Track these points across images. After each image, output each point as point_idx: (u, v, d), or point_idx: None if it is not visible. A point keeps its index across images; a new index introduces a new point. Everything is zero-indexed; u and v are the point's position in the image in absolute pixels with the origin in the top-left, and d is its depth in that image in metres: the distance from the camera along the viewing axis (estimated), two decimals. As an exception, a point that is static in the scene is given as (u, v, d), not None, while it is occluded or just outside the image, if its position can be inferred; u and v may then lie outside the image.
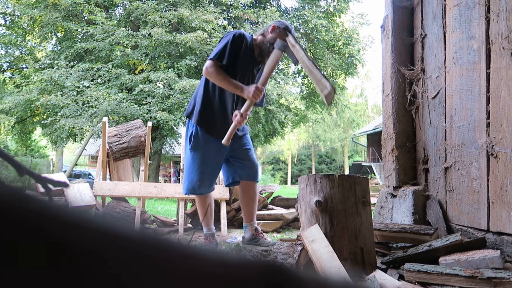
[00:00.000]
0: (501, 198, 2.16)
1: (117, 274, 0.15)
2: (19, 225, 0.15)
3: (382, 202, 3.11)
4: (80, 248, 0.15)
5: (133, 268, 0.16)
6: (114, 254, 0.16)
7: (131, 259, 0.16)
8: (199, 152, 2.80)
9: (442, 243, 1.98)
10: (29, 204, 0.15)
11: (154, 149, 13.01)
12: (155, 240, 0.18)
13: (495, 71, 2.22)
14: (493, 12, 2.24)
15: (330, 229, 2.01)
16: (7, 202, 0.15)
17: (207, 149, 2.80)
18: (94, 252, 0.15)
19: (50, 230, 0.15)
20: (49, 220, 0.15)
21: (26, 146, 23.56)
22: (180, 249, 0.18)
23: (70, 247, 0.15)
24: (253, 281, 0.19)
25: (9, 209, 0.15)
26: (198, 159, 2.81)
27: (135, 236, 0.17)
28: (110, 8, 14.97)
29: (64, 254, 0.15)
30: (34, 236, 0.14)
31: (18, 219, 0.15)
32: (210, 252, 0.19)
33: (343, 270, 1.67)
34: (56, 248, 0.15)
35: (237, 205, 4.52)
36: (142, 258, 0.16)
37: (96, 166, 4.53)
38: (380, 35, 3.21)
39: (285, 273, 0.20)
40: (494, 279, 1.58)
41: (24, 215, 0.15)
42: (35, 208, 0.15)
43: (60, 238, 0.15)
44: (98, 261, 0.15)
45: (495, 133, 2.21)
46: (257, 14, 13.61)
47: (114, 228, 0.17)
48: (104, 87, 11.82)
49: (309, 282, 0.21)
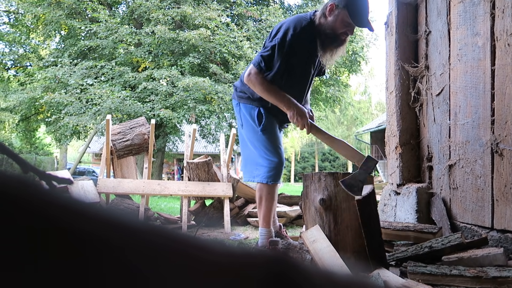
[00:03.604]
0: (506, 196, 2.15)
1: (127, 261, 0.15)
2: (29, 212, 0.15)
3: (386, 200, 3.11)
4: (89, 234, 0.15)
5: (139, 253, 0.16)
6: (123, 242, 0.16)
7: (136, 244, 0.16)
8: (270, 131, 2.45)
9: (443, 245, 1.97)
10: (39, 192, 0.16)
11: (158, 146, 13.04)
12: (161, 230, 0.18)
13: (500, 68, 2.21)
14: (498, 9, 2.22)
15: (334, 228, 2.01)
16: (17, 189, 0.15)
17: (275, 128, 2.49)
18: (104, 238, 0.15)
19: (59, 216, 0.15)
20: (58, 207, 0.15)
21: (31, 144, 23.70)
22: (184, 238, 0.19)
23: (79, 232, 0.15)
24: (257, 270, 0.19)
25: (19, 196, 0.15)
26: (272, 138, 2.45)
27: (140, 224, 0.17)
28: (113, 5, 15.00)
29: (73, 239, 0.15)
30: (43, 221, 0.15)
31: (28, 206, 0.15)
32: (213, 242, 0.19)
33: (346, 268, 1.67)
34: (64, 234, 0.15)
35: (240, 202, 4.53)
36: (150, 245, 0.17)
37: (100, 164, 4.55)
38: (384, 32, 3.19)
39: (289, 263, 0.20)
40: (499, 279, 1.57)
41: (34, 202, 0.15)
42: (44, 195, 0.15)
43: (68, 223, 0.15)
44: (107, 247, 0.15)
45: (499, 131, 2.20)
46: (260, 11, 13.59)
47: (122, 218, 0.17)
48: (107, 84, 11.86)
49: (313, 273, 0.21)
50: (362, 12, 2.08)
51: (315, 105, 17.83)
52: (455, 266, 1.73)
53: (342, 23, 2.11)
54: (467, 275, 1.62)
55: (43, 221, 0.15)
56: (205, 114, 11.83)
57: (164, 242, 0.17)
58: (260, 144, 2.45)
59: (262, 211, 2.50)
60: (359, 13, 2.08)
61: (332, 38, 2.16)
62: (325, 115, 16.96)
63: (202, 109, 11.45)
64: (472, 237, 2.33)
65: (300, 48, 2.22)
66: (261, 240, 2.50)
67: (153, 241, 0.17)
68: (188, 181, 4.28)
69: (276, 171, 2.42)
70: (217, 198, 4.35)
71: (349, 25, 2.11)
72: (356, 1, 2.07)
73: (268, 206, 2.48)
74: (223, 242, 0.21)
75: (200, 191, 4.15)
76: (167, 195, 4.30)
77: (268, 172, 2.42)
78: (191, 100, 11.39)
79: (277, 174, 2.43)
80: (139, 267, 0.16)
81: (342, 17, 2.08)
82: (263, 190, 2.46)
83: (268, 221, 2.49)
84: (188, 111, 11.54)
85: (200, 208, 4.39)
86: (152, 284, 0.16)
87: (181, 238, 0.18)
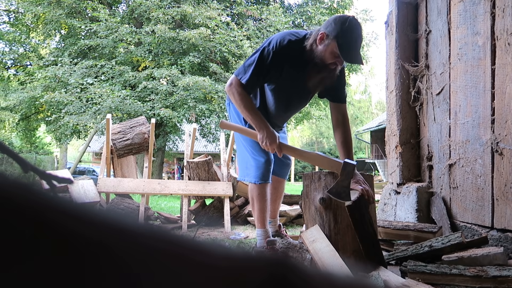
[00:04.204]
0: (506, 195, 2.15)
1: (123, 264, 0.15)
2: (26, 216, 0.15)
3: (386, 199, 3.11)
4: (85, 237, 0.15)
5: (138, 258, 0.16)
6: (121, 246, 0.16)
7: (135, 249, 0.16)
8: None
9: (443, 244, 1.98)
10: (35, 196, 0.16)
11: (158, 146, 13.04)
12: (160, 233, 0.18)
13: (500, 67, 2.20)
14: (498, 8, 2.22)
15: (334, 227, 2.01)
16: (14, 193, 0.15)
17: None
18: (102, 243, 0.15)
19: (55, 220, 0.15)
20: (55, 211, 0.15)
21: (31, 143, 23.70)
22: (184, 242, 0.19)
23: (75, 236, 0.15)
24: (257, 274, 0.19)
25: (16, 200, 0.15)
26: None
27: (139, 227, 0.17)
28: (114, 5, 14.99)
29: (69, 242, 0.15)
30: (39, 226, 0.15)
31: (24, 210, 0.15)
32: (213, 245, 0.19)
33: (346, 268, 1.67)
34: (61, 237, 0.15)
35: (240, 201, 4.53)
36: (148, 248, 0.17)
37: (100, 163, 4.56)
38: (384, 31, 3.19)
39: (289, 266, 0.20)
40: (499, 278, 1.57)
41: (31, 206, 0.15)
42: (41, 199, 0.15)
43: (64, 227, 0.15)
44: (105, 252, 0.15)
45: (500, 130, 2.20)
46: (260, 11, 13.58)
47: (121, 221, 0.17)
48: (107, 84, 11.86)
49: (313, 275, 0.21)
50: (351, 46, 1.98)
51: (315, 104, 17.83)
52: (455, 266, 1.73)
53: (332, 54, 2.01)
54: (467, 274, 1.62)
55: (41, 226, 0.15)
56: (205, 113, 11.83)
57: (163, 246, 0.17)
58: (247, 144, 2.44)
59: (255, 212, 2.49)
60: (348, 47, 1.98)
61: (321, 67, 2.09)
62: (325, 115, 16.93)
63: (202, 108, 11.45)
64: (472, 236, 2.34)
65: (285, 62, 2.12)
66: (259, 241, 2.50)
67: (152, 245, 0.17)
68: (188, 180, 4.29)
69: (263, 170, 2.38)
70: (217, 197, 4.35)
71: (339, 56, 2.00)
72: (347, 33, 1.95)
73: (260, 207, 2.45)
74: (222, 244, 0.21)
75: (200, 190, 4.16)
76: (167, 194, 4.30)
77: (256, 171, 2.40)
78: (191, 99, 11.39)
79: (264, 173, 2.39)
80: (138, 272, 0.16)
81: (331, 48, 1.98)
82: (253, 190, 2.45)
83: (262, 221, 2.47)
84: (188, 110, 11.54)
85: (200, 208, 4.39)
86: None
87: (180, 242, 0.18)
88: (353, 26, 1.96)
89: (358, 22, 1.99)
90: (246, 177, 2.48)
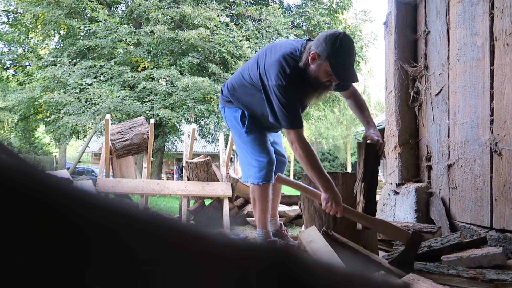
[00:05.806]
0: (505, 195, 2.16)
1: (127, 247, 0.15)
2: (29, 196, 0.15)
3: (385, 199, 3.11)
4: (93, 222, 0.15)
5: (143, 243, 0.16)
6: (126, 231, 0.16)
7: (140, 234, 0.16)
8: (256, 132, 2.43)
9: (442, 245, 1.98)
10: (39, 178, 0.16)
11: (157, 146, 13.03)
12: (163, 220, 0.18)
13: (499, 68, 2.21)
14: (497, 8, 2.22)
15: (333, 227, 2.01)
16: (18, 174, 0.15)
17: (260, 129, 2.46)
18: (107, 227, 0.15)
19: (60, 201, 0.15)
20: (59, 193, 0.15)
21: (30, 143, 23.67)
22: (188, 230, 0.19)
23: (80, 218, 0.15)
24: (258, 261, 0.19)
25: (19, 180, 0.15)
26: (259, 139, 2.42)
27: (143, 214, 0.18)
28: (113, 5, 14.98)
29: (73, 223, 0.15)
30: (44, 206, 0.15)
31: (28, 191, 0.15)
32: (216, 233, 0.19)
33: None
34: (65, 218, 0.15)
35: (239, 202, 4.53)
36: (152, 234, 0.17)
37: (99, 163, 4.55)
38: (383, 32, 3.20)
39: (290, 255, 0.20)
40: (496, 281, 1.56)
41: (34, 187, 0.15)
42: (45, 181, 0.16)
43: (69, 209, 0.15)
44: (110, 236, 0.15)
45: (498, 130, 2.21)
46: (259, 11, 13.59)
47: (126, 207, 0.17)
48: (106, 84, 11.85)
49: (314, 264, 0.22)
50: (344, 66, 1.95)
51: (314, 105, 17.81)
52: (453, 266, 1.73)
53: (325, 74, 1.99)
54: (464, 276, 1.62)
55: (46, 207, 0.15)
56: (205, 113, 11.83)
57: (167, 232, 0.18)
58: (247, 145, 2.43)
59: (256, 213, 2.49)
60: (342, 67, 1.95)
61: (316, 85, 2.07)
62: (324, 115, 16.95)
63: (201, 108, 11.45)
64: (471, 237, 2.34)
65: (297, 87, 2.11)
66: (260, 242, 2.50)
67: (156, 231, 0.17)
68: (187, 180, 4.28)
69: (266, 171, 2.38)
70: (216, 198, 4.35)
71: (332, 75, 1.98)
72: (338, 53, 1.91)
73: (261, 208, 2.44)
74: (226, 234, 0.21)
75: (199, 191, 4.15)
76: (166, 194, 4.30)
77: (258, 172, 2.39)
78: (191, 100, 11.39)
79: (267, 174, 2.38)
80: (142, 257, 0.16)
81: (324, 68, 1.96)
82: (255, 191, 2.44)
83: (264, 222, 2.47)
84: (188, 110, 11.54)
85: (200, 208, 4.39)
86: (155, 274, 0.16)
87: (184, 229, 0.19)
88: (344, 44, 1.92)
89: (349, 39, 1.96)
90: (248, 179, 2.48)
